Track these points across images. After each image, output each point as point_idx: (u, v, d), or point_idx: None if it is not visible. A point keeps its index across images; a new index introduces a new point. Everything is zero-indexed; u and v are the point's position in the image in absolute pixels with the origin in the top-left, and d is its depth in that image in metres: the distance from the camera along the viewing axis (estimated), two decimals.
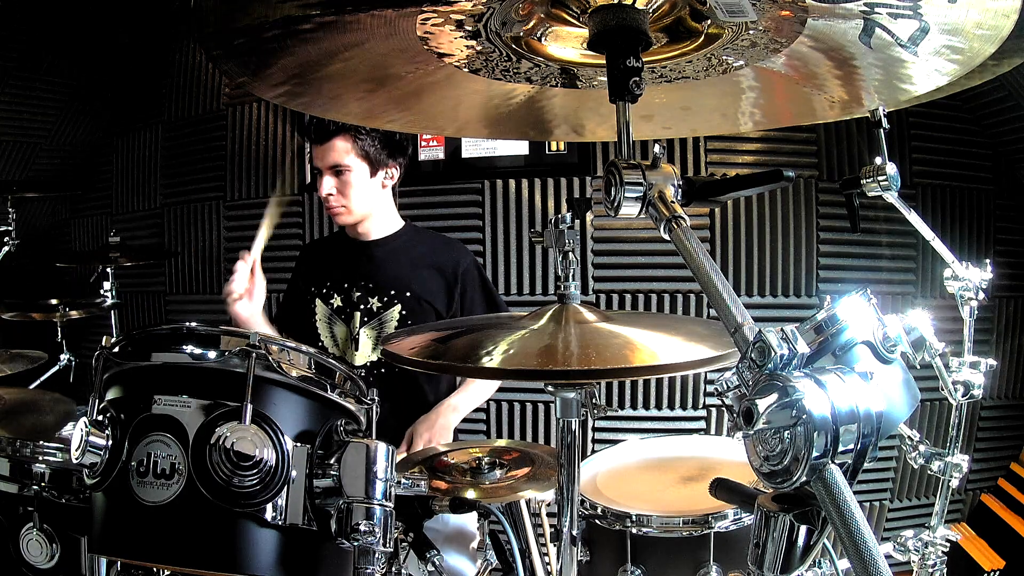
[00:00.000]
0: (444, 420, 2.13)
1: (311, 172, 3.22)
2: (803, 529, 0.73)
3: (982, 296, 1.47)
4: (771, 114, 1.54)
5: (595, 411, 1.29)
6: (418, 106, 1.39)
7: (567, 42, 1.15)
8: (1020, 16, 0.97)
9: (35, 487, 1.55)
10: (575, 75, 1.26)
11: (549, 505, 1.78)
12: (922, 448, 1.55)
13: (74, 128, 3.74)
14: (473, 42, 1.11)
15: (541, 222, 3.03)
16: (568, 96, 1.36)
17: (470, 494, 1.54)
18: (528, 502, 1.73)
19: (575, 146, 3.02)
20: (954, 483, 1.52)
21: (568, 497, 1.24)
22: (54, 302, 3.11)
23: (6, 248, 3.17)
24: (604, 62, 1.01)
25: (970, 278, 1.47)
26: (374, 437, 1.22)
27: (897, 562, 1.58)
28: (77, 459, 1.11)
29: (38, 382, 3.05)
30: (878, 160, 1.40)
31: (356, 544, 1.13)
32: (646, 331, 1.22)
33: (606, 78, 0.99)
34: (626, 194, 0.90)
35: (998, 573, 2.63)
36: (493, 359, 1.12)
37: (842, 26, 1.04)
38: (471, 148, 3.11)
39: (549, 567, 1.85)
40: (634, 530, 1.49)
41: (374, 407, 1.32)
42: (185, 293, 3.69)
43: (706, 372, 2.85)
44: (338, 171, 2.14)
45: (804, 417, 0.62)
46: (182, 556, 1.11)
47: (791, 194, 2.91)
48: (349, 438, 1.18)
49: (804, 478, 0.64)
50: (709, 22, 1.07)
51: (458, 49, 1.13)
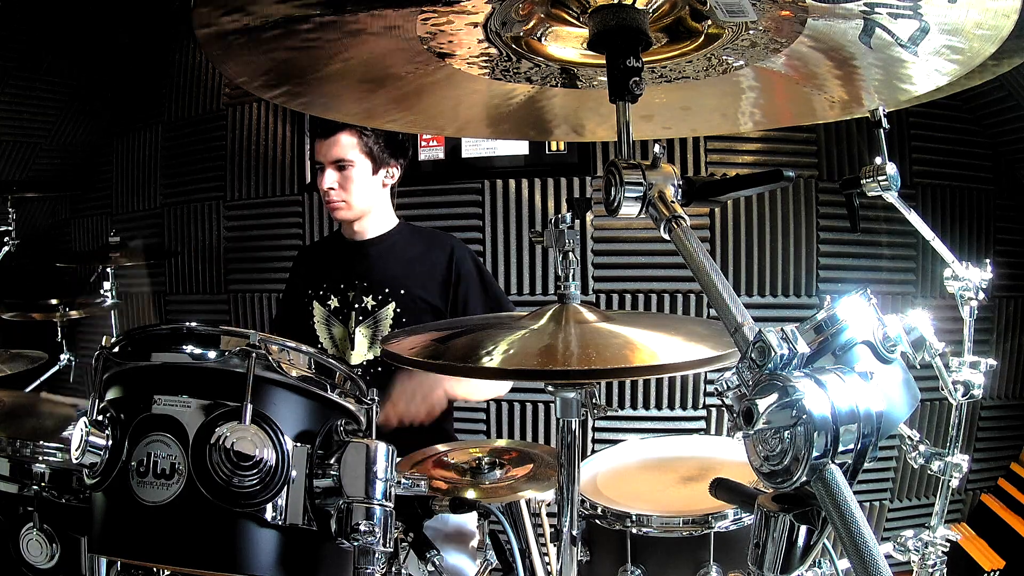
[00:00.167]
0: (433, 382, 2.05)
1: (311, 169, 3.22)
2: (803, 529, 0.73)
3: (982, 296, 1.47)
4: (771, 114, 1.54)
5: (595, 411, 1.29)
6: (418, 106, 1.39)
7: (567, 42, 1.15)
8: (1020, 16, 0.97)
9: (35, 487, 1.54)
10: (575, 75, 1.26)
11: (549, 505, 1.78)
12: (922, 448, 1.55)
13: (74, 128, 3.74)
14: (486, 43, 1.11)
15: (541, 222, 3.02)
16: (568, 96, 1.35)
17: (470, 494, 1.54)
18: (528, 502, 1.72)
19: (575, 146, 3.01)
20: (954, 483, 1.52)
21: (568, 497, 1.24)
22: (54, 302, 3.10)
23: (6, 248, 3.16)
24: (604, 62, 1.01)
25: (970, 278, 1.47)
26: (374, 437, 1.22)
27: (897, 562, 1.58)
28: (77, 459, 1.11)
29: (38, 382, 3.05)
30: (878, 160, 1.40)
31: (356, 544, 1.12)
32: (646, 331, 1.22)
33: (606, 78, 0.99)
34: (626, 194, 0.90)
35: (998, 573, 2.63)
36: (493, 359, 1.12)
37: (842, 26, 1.04)
38: (471, 148, 3.11)
39: (549, 567, 1.85)
40: (634, 530, 1.49)
41: (374, 407, 1.32)
42: (185, 293, 3.69)
43: (706, 372, 2.84)
44: (341, 166, 2.15)
45: (804, 417, 0.62)
46: (182, 556, 1.11)
47: (791, 194, 2.90)
48: (349, 438, 1.18)
49: (804, 478, 0.64)
50: (709, 22, 1.07)
51: (468, 47, 1.13)
